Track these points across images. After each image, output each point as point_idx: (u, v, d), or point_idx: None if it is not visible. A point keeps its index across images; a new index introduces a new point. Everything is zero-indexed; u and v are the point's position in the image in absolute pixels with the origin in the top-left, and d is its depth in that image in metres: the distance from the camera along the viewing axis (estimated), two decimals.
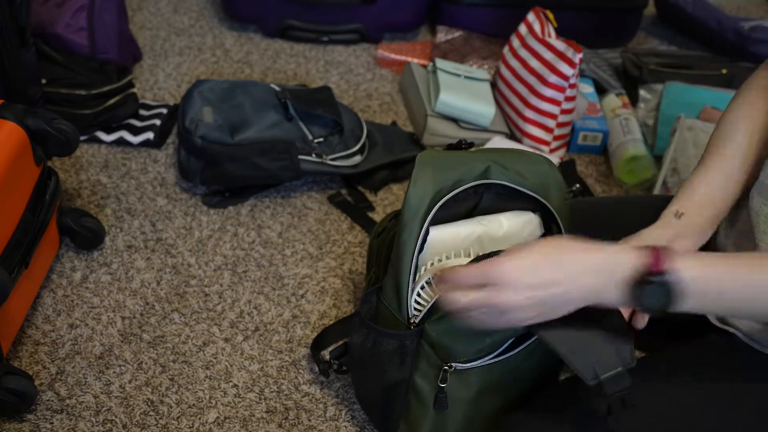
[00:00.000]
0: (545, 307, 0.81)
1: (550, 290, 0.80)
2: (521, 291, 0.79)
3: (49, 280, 1.35)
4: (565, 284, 0.80)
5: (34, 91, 1.48)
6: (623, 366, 0.84)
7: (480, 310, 0.81)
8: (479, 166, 0.98)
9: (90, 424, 1.14)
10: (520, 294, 0.79)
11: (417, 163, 0.97)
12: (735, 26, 2.04)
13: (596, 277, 0.80)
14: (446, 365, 0.97)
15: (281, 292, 1.38)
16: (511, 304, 0.80)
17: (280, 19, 2.04)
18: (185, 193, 1.56)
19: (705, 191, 0.99)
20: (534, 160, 1.02)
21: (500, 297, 0.80)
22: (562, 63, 1.64)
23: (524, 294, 0.79)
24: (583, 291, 0.80)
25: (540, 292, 0.80)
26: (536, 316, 0.81)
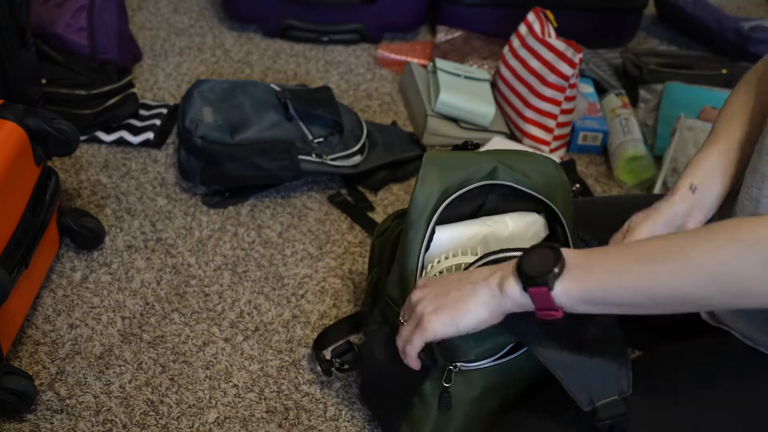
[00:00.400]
0: (443, 299, 0.84)
1: (447, 285, 0.85)
2: (424, 289, 0.87)
3: (49, 280, 1.35)
4: (462, 280, 0.84)
5: (34, 91, 1.48)
6: (619, 394, 0.84)
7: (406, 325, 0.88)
8: (486, 167, 0.99)
9: (90, 424, 1.14)
10: (422, 291, 0.87)
11: (424, 163, 0.97)
12: (735, 26, 2.04)
13: (492, 269, 0.83)
14: (451, 365, 0.97)
15: (281, 292, 1.38)
16: (417, 296, 0.87)
17: (280, 19, 2.04)
18: (185, 193, 1.56)
19: (716, 166, 1.00)
20: (540, 161, 1.02)
21: (412, 294, 0.89)
22: (562, 63, 1.64)
23: (426, 290, 0.87)
24: (479, 283, 0.82)
25: (439, 287, 0.86)
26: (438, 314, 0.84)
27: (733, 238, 0.72)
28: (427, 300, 0.86)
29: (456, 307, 0.83)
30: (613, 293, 0.77)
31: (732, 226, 0.74)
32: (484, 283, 0.82)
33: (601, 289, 0.77)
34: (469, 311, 0.82)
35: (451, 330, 0.84)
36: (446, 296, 0.84)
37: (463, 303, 0.83)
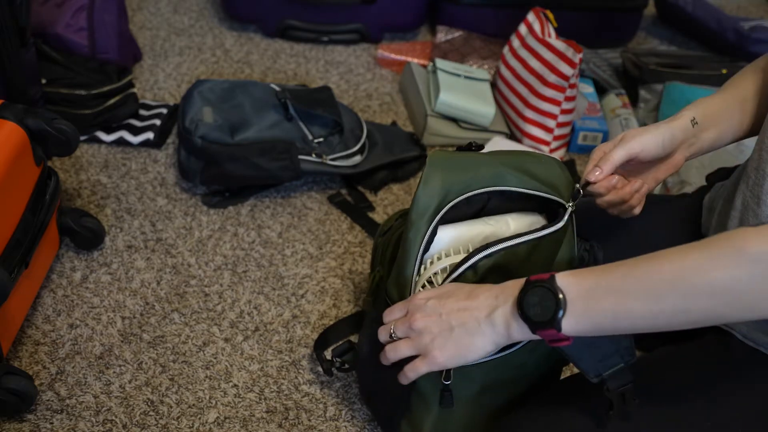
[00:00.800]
0: (448, 334, 0.85)
1: (451, 317, 0.85)
2: (427, 315, 0.87)
3: (49, 280, 1.35)
4: (465, 313, 0.84)
5: (34, 91, 1.48)
6: (624, 362, 0.85)
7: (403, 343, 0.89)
8: (490, 170, 0.98)
9: (90, 424, 1.14)
10: (426, 318, 0.86)
11: (428, 163, 0.97)
12: (735, 26, 2.04)
13: (494, 305, 0.83)
14: None
15: (281, 292, 1.38)
16: (420, 326, 0.87)
17: (280, 19, 2.04)
18: (185, 193, 1.56)
19: (719, 113, 1.01)
20: (544, 161, 1.02)
21: (413, 318, 0.87)
22: (562, 63, 1.64)
23: (430, 318, 0.86)
24: (482, 320, 0.83)
25: (442, 318, 0.85)
26: (442, 348, 0.85)
27: (737, 254, 0.72)
28: (433, 333, 0.86)
29: (463, 345, 0.84)
30: (621, 322, 0.78)
31: (731, 239, 0.74)
32: (488, 322, 0.83)
33: (610, 321, 0.78)
34: (477, 348, 0.84)
35: (460, 363, 0.86)
36: (452, 332, 0.85)
37: (469, 340, 0.84)
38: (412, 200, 0.97)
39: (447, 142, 1.76)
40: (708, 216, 1.08)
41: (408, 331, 0.88)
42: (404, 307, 0.91)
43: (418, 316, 0.87)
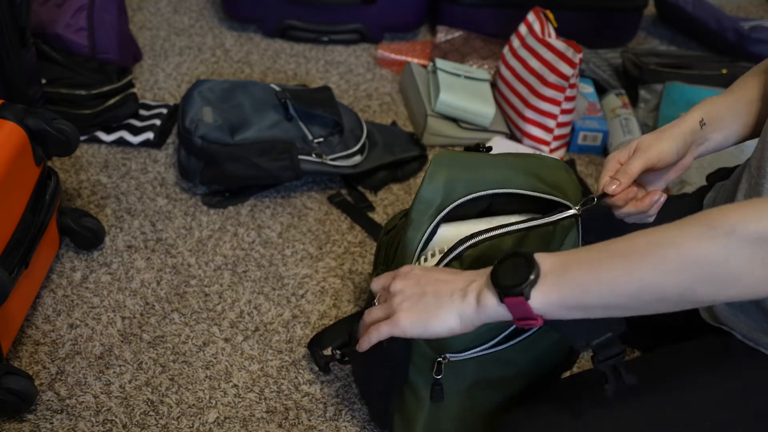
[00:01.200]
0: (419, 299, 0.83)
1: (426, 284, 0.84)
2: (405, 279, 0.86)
3: (49, 280, 1.35)
4: (440, 282, 0.83)
5: (34, 91, 1.48)
6: (613, 332, 0.84)
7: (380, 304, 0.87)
8: (496, 171, 0.98)
9: (90, 424, 1.14)
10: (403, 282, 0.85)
11: (433, 162, 0.97)
12: (735, 26, 2.04)
13: (470, 277, 0.82)
14: (440, 357, 0.97)
15: (281, 292, 1.38)
16: (397, 287, 0.85)
17: (280, 19, 2.04)
18: (185, 193, 1.56)
19: (726, 114, 1.01)
20: (551, 164, 1.02)
21: (393, 281, 0.87)
22: (562, 63, 1.64)
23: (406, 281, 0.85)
24: (456, 291, 0.81)
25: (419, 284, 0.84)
26: (411, 313, 0.83)
27: (711, 227, 0.71)
28: (405, 295, 0.84)
29: (429, 312, 0.82)
30: (591, 295, 0.75)
31: (706, 215, 0.73)
32: (461, 294, 0.81)
33: (579, 292, 0.75)
34: (440, 319, 0.81)
35: (418, 333, 0.83)
36: (423, 297, 0.83)
37: (436, 309, 0.82)
38: (415, 197, 0.97)
39: (447, 142, 1.76)
40: None
41: (385, 294, 0.88)
42: (391, 275, 0.89)
43: (398, 280, 0.86)
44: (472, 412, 1.03)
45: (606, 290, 0.74)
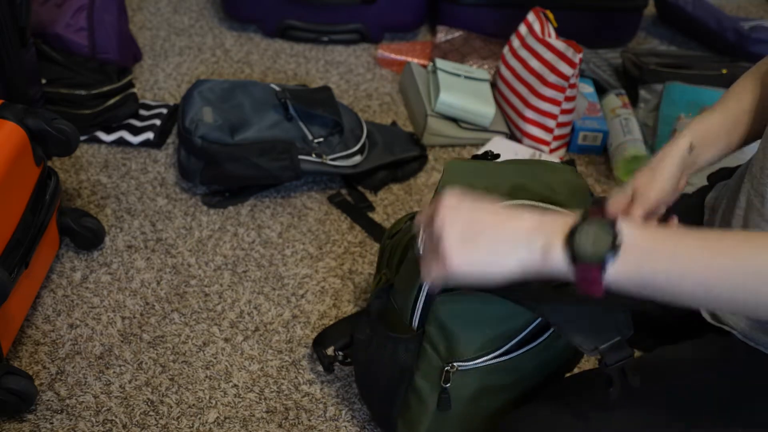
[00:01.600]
0: (473, 235, 0.73)
1: (481, 217, 0.74)
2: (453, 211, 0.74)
3: (49, 280, 1.35)
4: (500, 217, 0.74)
5: (34, 91, 1.48)
6: (621, 335, 0.84)
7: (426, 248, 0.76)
8: (507, 180, 0.97)
9: (90, 424, 1.14)
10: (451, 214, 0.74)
11: (445, 172, 0.96)
12: (735, 26, 2.04)
13: (540, 222, 0.73)
14: (448, 365, 0.97)
15: (281, 292, 1.38)
16: (442, 218, 0.74)
17: (280, 19, 2.04)
18: (185, 193, 1.56)
19: (717, 130, 0.99)
20: (559, 170, 1.01)
21: (436, 211, 0.75)
22: (562, 63, 1.64)
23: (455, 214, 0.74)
24: (520, 233, 0.72)
25: (472, 216, 0.74)
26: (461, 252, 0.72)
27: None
28: (457, 225, 0.73)
29: (488, 251, 0.72)
30: (671, 282, 0.70)
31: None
32: (526, 241, 0.72)
33: (662, 275, 0.70)
34: (500, 265, 0.72)
35: (475, 278, 0.73)
36: (480, 231, 0.72)
37: (496, 248, 0.72)
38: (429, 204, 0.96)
39: (447, 142, 1.76)
40: (710, 216, 1.08)
41: (430, 234, 0.75)
42: (430, 210, 0.77)
43: (444, 207, 0.74)
44: (476, 416, 1.03)
45: (689, 281, 0.71)
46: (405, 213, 1.56)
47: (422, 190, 1.64)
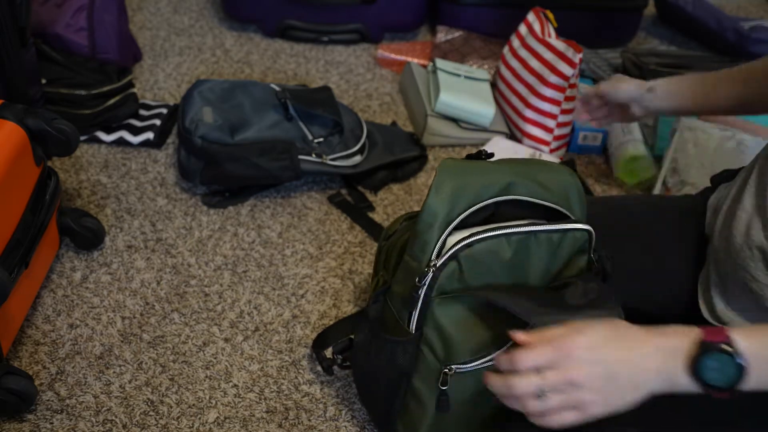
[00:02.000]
0: (612, 387, 0.76)
1: (616, 368, 0.76)
2: (589, 366, 0.76)
3: (49, 280, 1.35)
4: (631, 364, 0.76)
5: (34, 91, 1.48)
6: None
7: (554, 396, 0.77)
8: (501, 180, 0.97)
9: (90, 424, 1.14)
10: (588, 369, 0.76)
11: (439, 172, 0.96)
12: (735, 26, 2.04)
13: (662, 359, 0.76)
14: (446, 368, 0.97)
15: (281, 292, 1.38)
16: (580, 380, 0.75)
17: (280, 19, 2.04)
18: (185, 193, 1.56)
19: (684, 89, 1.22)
20: (554, 169, 1.01)
21: (570, 371, 0.76)
22: (562, 63, 1.64)
23: (592, 369, 0.76)
24: (650, 373, 0.76)
25: (607, 369, 0.76)
26: (602, 402, 0.76)
27: None
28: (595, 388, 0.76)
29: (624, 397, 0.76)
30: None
31: None
32: (655, 376, 0.76)
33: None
34: (635, 400, 0.77)
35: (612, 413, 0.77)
36: (616, 384, 0.76)
37: (632, 392, 0.76)
38: (422, 209, 0.96)
39: (447, 142, 1.76)
40: (713, 217, 1.08)
41: (563, 386, 0.76)
42: (550, 355, 0.77)
43: (577, 369, 0.76)
44: (475, 418, 1.03)
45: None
46: (405, 213, 1.56)
47: (422, 190, 1.64)
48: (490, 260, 0.93)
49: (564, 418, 0.77)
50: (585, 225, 0.97)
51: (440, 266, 0.92)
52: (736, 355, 0.73)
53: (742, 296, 0.95)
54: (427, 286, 0.94)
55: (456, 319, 0.95)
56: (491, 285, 0.94)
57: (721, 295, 0.99)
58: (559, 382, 0.76)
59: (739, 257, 0.94)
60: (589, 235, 0.97)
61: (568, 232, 0.96)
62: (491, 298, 0.90)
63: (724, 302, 0.99)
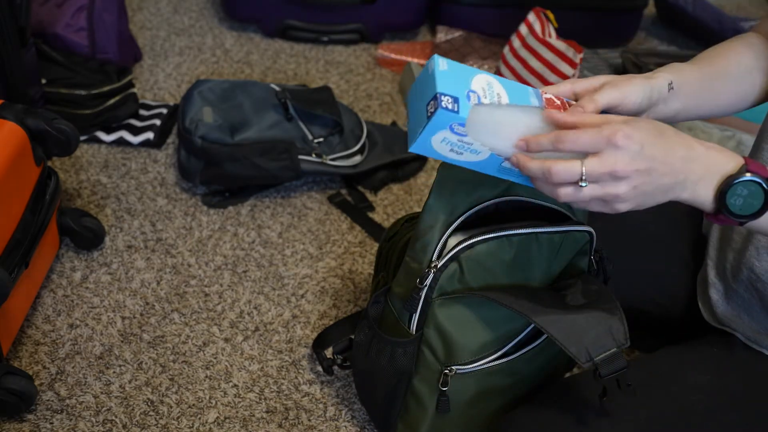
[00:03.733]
0: (648, 185, 0.75)
1: (658, 167, 0.74)
2: (634, 160, 0.73)
3: (49, 280, 1.35)
4: (672, 166, 0.75)
5: (34, 91, 1.48)
6: (617, 346, 0.84)
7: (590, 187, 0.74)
8: (501, 180, 0.97)
9: (90, 424, 1.14)
10: (632, 164, 0.73)
11: (440, 172, 0.96)
12: (735, 26, 2.04)
13: (704, 169, 0.76)
14: (446, 369, 0.97)
15: (281, 292, 1.38)
16: (623, 173, 0.73)
17: (280, 19, 2.04)
18: (185, 193, 1.56)
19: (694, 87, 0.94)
20: None
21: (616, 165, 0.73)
22: (562, 63, 1.64)
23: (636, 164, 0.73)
24: (681, 177, 0.75)
25: (649, 166, 0.74)
26: (633, 200, 0.75)
27: None
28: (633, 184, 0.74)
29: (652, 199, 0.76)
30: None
31: None
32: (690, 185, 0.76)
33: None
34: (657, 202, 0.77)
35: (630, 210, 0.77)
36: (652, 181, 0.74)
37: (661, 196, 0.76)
38: (423, 210, 0.95)
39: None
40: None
41: (604, 177, 0.74)
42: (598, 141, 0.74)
43: (622, 161, 0.73)
44: (475, 419, 1.03)
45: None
46: (405, 213, 1.56)
47: (422, 190, 1.64)
48: (491, 261, 0.93)
49: (590, 208, 0.77)
50: (586, 226, 0.97)
51: (441, 267, 0.92)
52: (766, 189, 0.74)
53: (742, 295, 0.95)
54: (427, 287, 0.94)
55: (457, 320, 0.95)
56: (492, 286, 0.94)
57: (721, 294, 0.99)
58: (601, 173, 0.73)
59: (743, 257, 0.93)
60: (590, 237, 0.97)
61: (569, 234, 0.96)
62: (492, 299, 0.90)
63: (723, 302, 0.99)
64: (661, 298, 1.10)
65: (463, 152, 0.80)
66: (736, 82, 0.96)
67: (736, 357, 0.95)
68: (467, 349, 0.97)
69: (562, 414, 0.90)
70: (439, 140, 0.79)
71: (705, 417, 0.89)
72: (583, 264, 0.99)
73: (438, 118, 0.76)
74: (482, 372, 0.98)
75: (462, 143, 0.79)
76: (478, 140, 0.78)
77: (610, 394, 0.85)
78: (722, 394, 0.91)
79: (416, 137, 0.79)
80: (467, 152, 0.80)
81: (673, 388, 0.92)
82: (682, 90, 0.91)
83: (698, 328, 1.03)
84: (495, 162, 0.81)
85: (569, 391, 0.95)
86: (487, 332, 0.96)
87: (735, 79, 0.96)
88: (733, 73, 0.96)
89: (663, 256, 1.11)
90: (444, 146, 0.80)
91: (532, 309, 0.87)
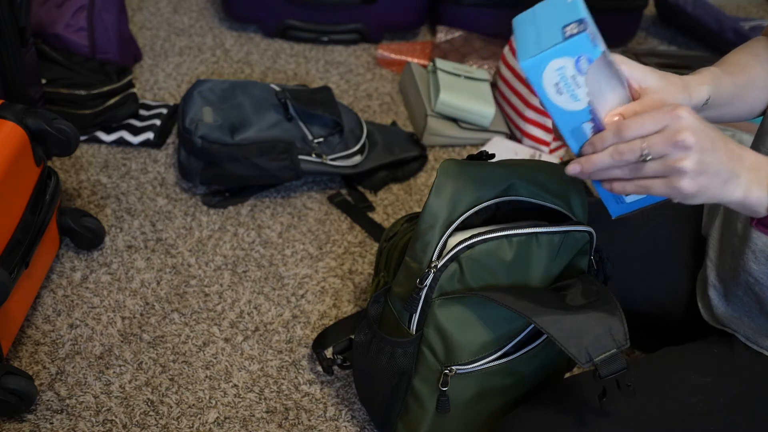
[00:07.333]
0: (710, 164, 0.73)
1: (717, 145, 0.73)
2: (698, 131, 0.73)
3: (49, 280, 1.35)
4: (728, 150, 0.74)
5: (34, 91, 1.48)
6: (617, 347, 0.84)
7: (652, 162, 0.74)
8: (502, 180, 0.97)
9: (90, 424, 1.14)
10: (694, 132, 0.72)
11: (439, 172, 0.96)
12: (735, 26, 2.04)
13: (748, 166, 0.76)
14: (446, 369, 0.97)
15: (281, 292, 1.38)
16: (690, 142, 0.72)
17: (280, 19, 2.04)
18: (185, 193, 1.56)
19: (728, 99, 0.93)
20: (556, 170, 1.01)
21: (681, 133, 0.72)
22: None
23: (699, 135, 0.72)
24: (737, 169, 0.75)
25: (710, 141, 0.73)
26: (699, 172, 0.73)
27: None
28: (699, 160, 0.72)
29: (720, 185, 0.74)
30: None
31: None
32: (747, 185, 0.75)
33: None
34: (726, 194, 0.75)
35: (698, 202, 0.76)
36: (717, 165, 0.73)
37: (725, 183, 0.74)
38: (423, 210, 0.96)
39: (447, 142, 1.76)
40: (708, 218, 1.08)
41: (668, 149, 0.73)
42: (661, 118, 0.74)
43: (686, 131, 0.72)
44: (475, 418, 1.03)
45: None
46: (405, 213, 1.56)
47: (422, 190, 1.64)
48: (491, 261, 0.93)
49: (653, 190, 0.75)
50: (586, 226, 0.97)
51: (441, 267, 0.93)
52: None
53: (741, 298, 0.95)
54: (427, 287, 0.95)
55: (457, 320, 0.95)
56: (492, 286, 0.94)
57: (720, 296, 0.99)
58: (667, 143, 0.73)
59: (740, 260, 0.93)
60: (590, 237, 0.97)
61: (569, 234, 0.96)
62: (492, 299, 0.90)
63: (723, 303, 0.99)
64: (661, 298, 1.10)
65: (564, 93, 0.76)
66: (760, 91, 0.96)
67: (737, 358, 0.95)
68: (467, 349, 0.97)
69: (562, 414, 0.90)
70: (555, 67, 0.75)
71: (705, 417, 0.89)
72: (583, 264, 0.99)
73: (575, 42, 0.73)
74: (482, 372, 0.98)
75: (573, 82, 0.75)
76: (589, 86, 0.75)
77: (610, 395, 0.85)
78: (722, 395, 0.91)
79: (539, 53, 0.74)
80: (567, 95, 0.76)
81: (673, 388, 0.92)
82: (715, 102, 0.91)
83: (698, 328, 1.04)
84: (579, 119, 0.77)
85: (569, 391, 0.95)
86: (487, 332, 0.96)
87: (760, 89, 0.96)
88: (759, 83, 0.95)
89: (663, 257, 1.11)
90: (554, 76, 0.75)
91: (532, 309, 0.87)
